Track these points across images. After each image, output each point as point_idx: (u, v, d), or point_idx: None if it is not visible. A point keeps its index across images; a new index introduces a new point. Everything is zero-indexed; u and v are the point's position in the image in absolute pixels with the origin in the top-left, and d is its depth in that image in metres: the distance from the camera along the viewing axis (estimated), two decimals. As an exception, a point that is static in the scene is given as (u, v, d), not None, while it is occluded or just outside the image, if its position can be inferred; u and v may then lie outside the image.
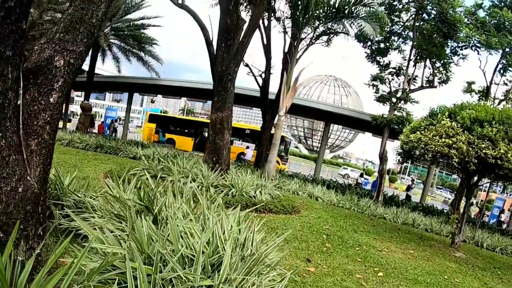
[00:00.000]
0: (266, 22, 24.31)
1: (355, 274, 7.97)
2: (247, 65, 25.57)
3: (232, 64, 14.99)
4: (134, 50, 35.56)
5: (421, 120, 13.93)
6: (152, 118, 47.54)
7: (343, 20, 22.28)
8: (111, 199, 6.55)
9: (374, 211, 18.96)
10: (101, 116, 66.98)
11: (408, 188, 34.73)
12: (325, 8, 22.10)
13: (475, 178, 14.28)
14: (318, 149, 45.61)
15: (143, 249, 4.43)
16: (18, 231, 3.80)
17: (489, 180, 16.98)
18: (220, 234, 5.02)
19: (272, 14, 24.23)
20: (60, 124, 37.38)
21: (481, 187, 16.21)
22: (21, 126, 4.20)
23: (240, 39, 15.16)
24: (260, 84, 25.94)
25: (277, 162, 38.70)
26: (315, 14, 22.04)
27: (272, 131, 24.34)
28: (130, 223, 4.92)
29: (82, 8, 4.69)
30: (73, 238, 6.11)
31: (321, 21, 22.93)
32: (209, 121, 16.87)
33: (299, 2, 21.57)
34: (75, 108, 73.39)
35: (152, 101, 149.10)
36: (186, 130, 45.16)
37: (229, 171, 15.47)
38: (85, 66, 34.21)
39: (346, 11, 21.19)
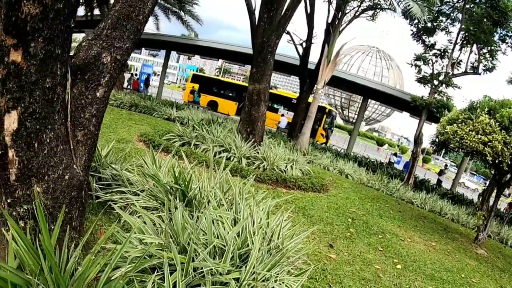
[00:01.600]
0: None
1: (374, 265, 8.15)
2: (288, 33, 25.42)
3: (273, 36, 14.93)
4: (174, 9, 35.41)
5: (459, 111, 13.77)
6: (195, 79, 46.96)
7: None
8: (148, 177, 6.80)
9: (403, 195, 18.97)
10: (137, 70, 66.83)
11: (441, 173, 34.45)
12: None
13: (508, 176, 14.22)
14: (354, 120, 45.24)
15: (179, 240, 4.69)
16: (63, 214, 4.08)
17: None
18: (250, 228, 5.24)
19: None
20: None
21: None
22: (68, 119, 4.47)
23: (283, 11, 15.07)
24: (300, 53, 25.87)
25: (322, 135, 38.87)
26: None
27: (310, 99, 24.31)
28: (167, 215, 5.15)
29: (129, 5, 4.86)
30: (108, 210, 6.43)
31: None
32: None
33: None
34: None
35: (189, 58, 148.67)
36: (230, 94, 44.39)
37: (262, 143, 15.61)
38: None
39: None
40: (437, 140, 14.39)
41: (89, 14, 32.88)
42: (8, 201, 3.99)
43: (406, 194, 19.22)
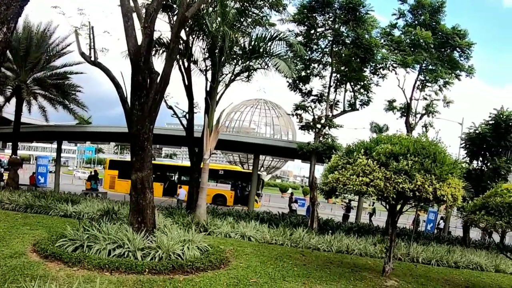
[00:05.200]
0: (186, 63, 24.51)
1: None
2: (170, 108, 25.63)
3: (147, 123, 14.85)
4: (58, 99, 34.70)
5: (338, 158, 14.17)
6: (113, 165, 45.41)
7: (260, 59, 22.61)
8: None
9: (308, 243, 19.14)
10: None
11: (348, 209, 35.31)
12: (241, 49, 22.42)
13: (399, 206, 14.66)
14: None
15: None
16: None
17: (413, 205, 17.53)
18: None
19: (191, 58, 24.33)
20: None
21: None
22: None
23: (153, 96, 15.07)
24: (185, 125, 25.95)
25: (256, 201, 38.66)
26: (232, 55, 22.29)
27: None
28: None
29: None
30: None
31: (238, 61, 23.17)
32: (177, 164, 16.23)
33: (215, 46, 21.80)
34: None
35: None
36: (153, 175, 42.68)
37: (157, 228, 15.28)
38: (12, 117, 33.31)
39: (261, 50, 21.62)
40: (323, 189, 14.74)
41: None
42: None
43: (311, 241, 19.41)
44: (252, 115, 61.32)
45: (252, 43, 21.87)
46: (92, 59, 16.45)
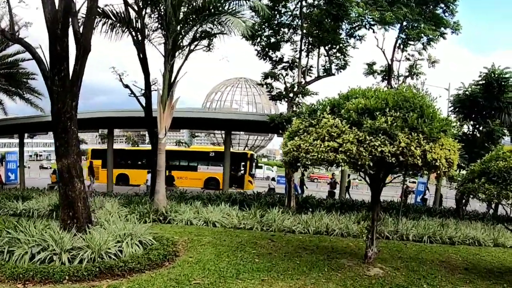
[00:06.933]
0: (139, 36, 22.17)
1: None
2: (126, 86, 23.44)
3: (68, 99, 12.71)
4: (12, 89, 32.52)
5: (300, 121, 11.74)
6: (96, 154, 42.67)
7: (211, 19, 20.31)
8: None
9: (281, 225, 17.17)
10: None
11: (333, 186, 33.61)
12: (192, 10, 20.16)
13: (381, 175, 12.24)
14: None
15: None
16: None
17: (399, 174, 15.46)
18: None
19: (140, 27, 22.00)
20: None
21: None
22: None
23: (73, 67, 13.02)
24: (144, 104, 23.61)
25: (250, 182, 38.79)
26: (180, 17, 20.06)
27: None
28: None
29: None
30: None
31: (190, 24, 20.82)
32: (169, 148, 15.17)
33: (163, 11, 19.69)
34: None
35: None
36: (140, 162, 41.60)
37: (94, 224, 13.16)
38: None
39: (213, 9, 19.53)
40: (286, 160, 12.27)
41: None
42: None
43: (285, 223, 17.48)
44: (233, 95, 59.76)
45: (206, 4, 19.58)
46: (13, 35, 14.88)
